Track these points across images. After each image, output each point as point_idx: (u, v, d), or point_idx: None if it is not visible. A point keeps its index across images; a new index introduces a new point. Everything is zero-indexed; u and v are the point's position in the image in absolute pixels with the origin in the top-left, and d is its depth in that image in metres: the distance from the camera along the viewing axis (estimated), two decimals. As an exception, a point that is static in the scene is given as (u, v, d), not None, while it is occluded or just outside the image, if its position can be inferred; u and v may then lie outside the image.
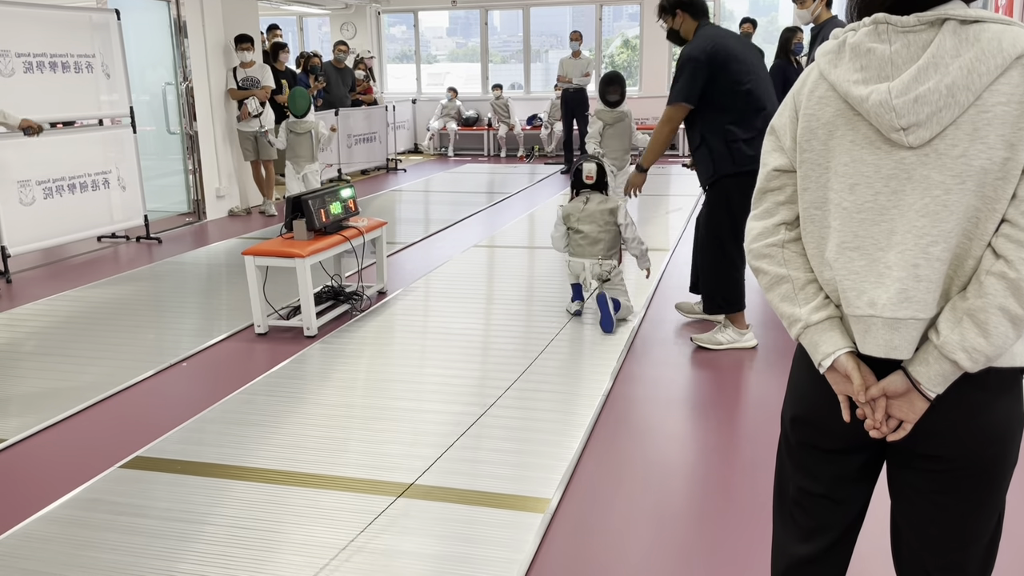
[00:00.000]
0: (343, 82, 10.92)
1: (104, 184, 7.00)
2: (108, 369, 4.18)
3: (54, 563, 2.53)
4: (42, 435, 3.47)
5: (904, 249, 1.32)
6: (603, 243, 4.61)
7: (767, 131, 1.54)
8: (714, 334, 4.36)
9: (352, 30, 13.97)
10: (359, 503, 2.84)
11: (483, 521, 2.71)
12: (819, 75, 1.42)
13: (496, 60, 14.68)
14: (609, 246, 4.62)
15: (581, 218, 4.66)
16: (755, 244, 1.53)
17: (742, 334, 4.32)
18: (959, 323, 1.31)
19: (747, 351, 4.30)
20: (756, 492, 2.89)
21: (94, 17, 6.89)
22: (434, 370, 4.08)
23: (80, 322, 4.98)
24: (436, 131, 13.70)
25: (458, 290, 5.54)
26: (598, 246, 4.62)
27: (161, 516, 2.78)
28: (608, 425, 3.45)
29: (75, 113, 6.89)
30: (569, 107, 11.00)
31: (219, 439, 3.36)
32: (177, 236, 7.60)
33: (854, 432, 1.46)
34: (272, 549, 2.58)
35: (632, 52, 14.30)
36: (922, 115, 1.28)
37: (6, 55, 6.06)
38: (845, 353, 1.40)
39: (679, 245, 6.70)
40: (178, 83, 8.11)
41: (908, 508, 1.50)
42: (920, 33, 1.30)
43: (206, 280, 6.03)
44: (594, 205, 4.65)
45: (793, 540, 1.63)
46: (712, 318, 4.62)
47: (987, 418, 1.38)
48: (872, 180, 1.35)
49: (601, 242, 4.61)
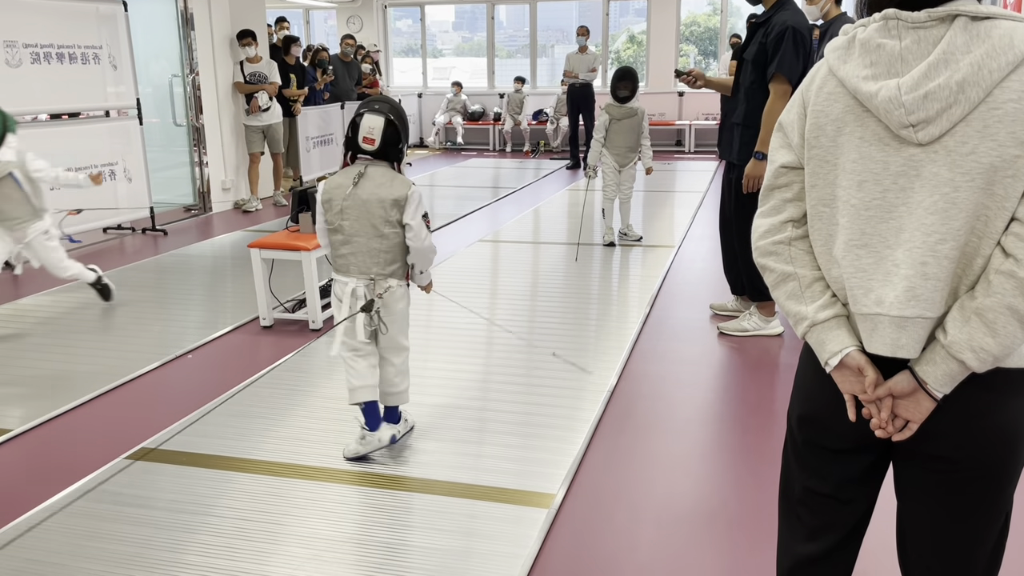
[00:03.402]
0: (349, 76, 10.92)
1: (110, 175, 7.01)
2: (113, 360, 4.18)
3: (59, 553, 2.54)
4: (47, 426, 3.48)
5: (912, 247, 1.31)
6: (380, 252, 2.96)
7: (775, 127, 1.53)
8: (740, 321, 4.37)
9: (358, 23, 13.96)
10: (363, 496, 2.84)
11: (487, 516, 2.71)
12: (828, 71, 1.41)
13: (502, 55, 14.66)
14: (389, 258, 2.97)
15: (346, 207, 2.93)
16: (762, 241, 1.52)
17: (768, 321, 4.33)
18: (967, 322, 1.30)
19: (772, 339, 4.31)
20: (762, 490, 2.89)
21: (101, 8, 6.89)
22: (439, 364, 4.08)
23: (85, 313, 4.99)
24: (442, 125, 13.68)
25: (463, 284, 5.53)
26: (370, 256, 2.95)
27: (166, 507, 2.79)
28: (613, 421, 3.45)
29: (82, 104, 6.89)
30: (575, 102, 10.97)
31: (224, 431, 3.36)
32: (182, 228, 7.61)
33: (860, 432, 1.45)
34: (276, 541, 2.58)
35: (638, 48, 14.27)
36: (932, 111, 1.28)
37: (13, 46, 6.07)
38: (856, 349, 1.40)
39: (684, 242, 6.69)
40: (184, 75, 8.11)
41: (914, 509, 1.50)
42: (931, 29, 1.30)
43: (211, 272, 6.04)
44: (371, 187, 2.91)
45: (799, 539, 1.62)
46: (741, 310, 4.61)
47: (994, 419, 1.37)
48: (881, 177, 1.34)
49: (376, 251, 2.95)
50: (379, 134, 2.88)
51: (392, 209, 2.90)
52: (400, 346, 3.11)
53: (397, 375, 3.11)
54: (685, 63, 13.81)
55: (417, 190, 2.98)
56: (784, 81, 3.88)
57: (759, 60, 3.99)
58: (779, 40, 3.87)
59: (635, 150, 6.44)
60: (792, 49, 3.85)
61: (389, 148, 2.92)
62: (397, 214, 2.91)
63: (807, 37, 3.90)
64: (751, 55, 4.05)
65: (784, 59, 3.85)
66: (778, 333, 4.36)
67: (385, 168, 2.95)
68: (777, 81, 3.90)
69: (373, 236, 2.92)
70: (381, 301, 2.97)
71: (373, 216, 2.90)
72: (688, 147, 12.82)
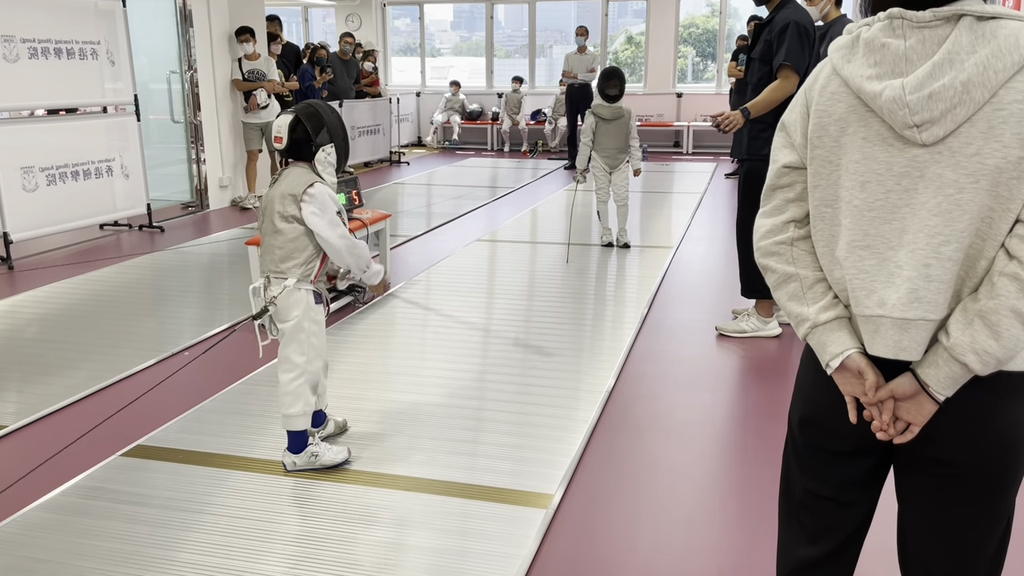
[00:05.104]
0: (348, 74, 10.91)
1: (107, 172, 6.99)
2: (109, 357, 4.17)
3: (54, 551, 2.52)
4: (43, 422, 3.47)
5: (915, 248, 1.31)
6: (274, 247, 2.86)
7: (777, 127, 1.53)
8: (738, 322, 4.37)
9: (357, 21, 13.93)
10: (359, 495, 2.83)
11: (485, 516, 2.70)
12: (832, 70, 1.41)
13: (500, 55, 14.65)
14: (283, 254, 2.84)
15: (262, 208, 2.91)
16: (764, 242, 1.51)
17: (766, 322, 4.33)
18: (970, 325, 1.29)
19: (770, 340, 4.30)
20: (761, 492, 2.88)
21: (100, 4, 6.87)
22: (435, 363, 4.07)
23: (81, 310, 4.97)
24: (440, 124, 13.67)
25: (460, 284, 5.52)
26: (268, 252, 2.88)
27: (162, 505, 2.77)
28: (611, 422, 3.44)
29: (79, 100, 6.87)
30: (574, 102, 10.96)
31: (220, 429, 3.35)
32: (180, 225, 7.59)
33: (861, 434, 1.44)
34: (271, 539, 2.57)
35: (636, 49, 14.26)
36: (936, 112, 1.27)
37: (11, 40, 6.04)
38: (857, 351, 1.39)
39: (682, 243, 6.68)
40: (183, 72, 8.09)
41: (915, 512, 1.49)
42: (936, 29, 1.29)
43: (208, 269, 6.03)
44: (281, 186, 2.85)
45: (799, 542, 1.61)
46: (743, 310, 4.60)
47: (996, 422, 1.36)
48: (884, 178, 1.34)
49: (271, 246, 2.86)
50: (286, 132, 2.81)
51: (286, 202, 2.80)
52: (289, 362, 2.88)
53: (284, 395, 2.89)
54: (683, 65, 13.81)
55: (322, 190, 2.82)
56: (791, 70, 3.92)
57: (765, 57, 4.04)
58: (783, 33, 3.93)
59: (624, 152, 6.38)
60: (797, 41, 3.89)
61: (301, 147, 2.84)
62: (293, 208, 2.79)
63: (811, 31, 3.93)
64: (758, 53, 4.10)
65: (790, 51, 3.89)
66: (776, 335, 4.36)
67: (303, 169, 2.86)
68: (784, 69, 3.94)
69: (270, 232, 2.85)
70: (274, 307, 2.84)
71: (272, 212, 2.84)
72: (686, 148, 12.82)
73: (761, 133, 4.02)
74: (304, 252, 2.84)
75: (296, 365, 2.87)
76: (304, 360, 2.88)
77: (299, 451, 2.95)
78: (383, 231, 5.33)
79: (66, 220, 6.59)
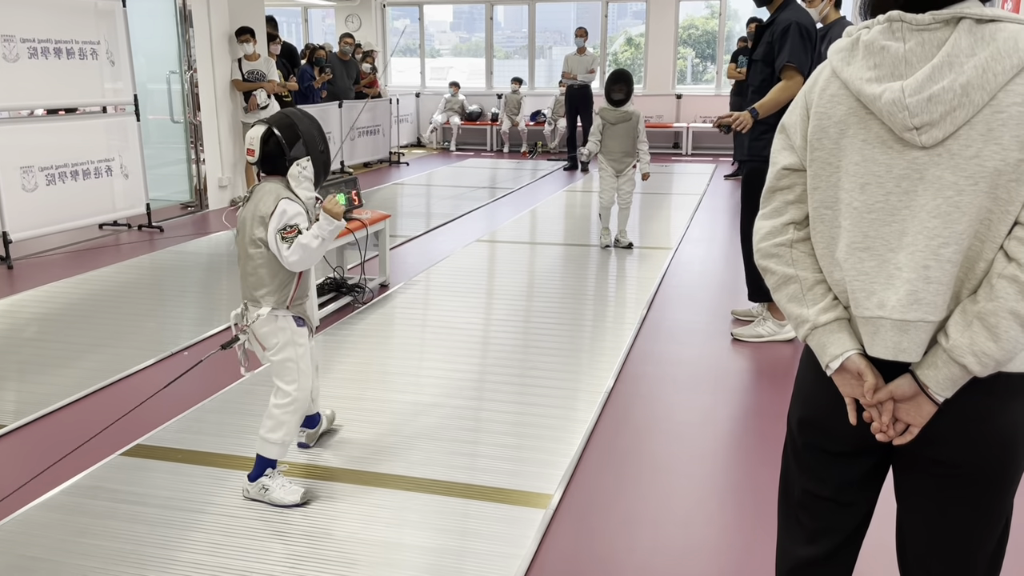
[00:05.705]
0: (347, 74, 10.91)
1: (107, 171, 6.99)
2: (109, 357, 4.17)
3: (54, 550, 2.52)
4: (42, 422, 3.47)
5: (915, 250, 1.31)
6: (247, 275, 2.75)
7: (777, 129, 1.53)
8: (754, 327, 4.38)
9: (356, 22, 13.94)
10: (358, 494, 2.83)
11: (484, 516, 2.71)
12: (831, 73, 1.41)
13: (500, 56, 14.65)
14: (255, 281, 2.73)
15: (238, 230, 2.79)
16: (763, 243, 1.52)
17: (782, 326, 4.35)
18: (969, 326, 1.30)
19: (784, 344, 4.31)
20: (760, 493, 2.88)
21: (99, 4, 6.87)
22: (435, 363, 4.08)
23: (81, 309, 4.97)
24: (439, 125, 13.67)
25: (460, 284, 5.53)
26: (243, 279, 2.78)
27: (161, 504, 2.77)
28: (610, 422, 3.45)
29: (79, 100, 6.86)
30: (573, 104, 10.97)
31: (219, 428, 3.35)
32: (179, 225, 7.59)
33: (861, 435, 1.45)
34: (270, 538, 2.57)
35: (636, 50, 14.27)
36: (935, 114, 1.27)
37: (11, 40, 6.04)
38: (856, 353, 1.40)
39: (681, 244, 6.69)
40: (182, 72, 8.09)
41: (914, 512, 1.49)
42: (935, 31, 1.29)
43: (207, 269, 6.03)
44: (251, 205, 2.72)
45: (798, 543, 1.62)
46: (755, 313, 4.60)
47: (995, 423, 1.37)
48: (883, 180, 1.34)
49: (244, 274, 2.76)
50: (257, 144, 2.65)
51: (256, 226, 2.65)
52: (281, 391, 2.77)
53: (268, 418, 2.77)
54: (683, 66, 13.82)
55: (288, 205, 2.63)
56: (795, 71, 3.93)
57: (768, 59, 4.05)
58: (785, 34, 3.94)
59: (631, 155, 6.32)
60: (799, 42, 3.91)
61: (275, 160, 2.67)
62: (261, 231, 2.64)
63: (813, 32, 3.95)
64: (760, 55, 4.12)
65: (793, 51, 3.91)
66: (791, 338, 4.37)
67: (273, 184, 2.69)
68: (788, 70, 3.95)
69: (243, 256, 2.73)
70: (246, 336, 2.76)
71: (244, 236, 2.71)
72: (685, 150, 12.83)
73: (762, 135, 4.03)
74: (275, 278, 2.71)
75: (288, 394, 2.77)
76: (295, 387, 2.77)
77: (253, 478, 2.80)
78: (383, 231, 5.33)
79: (65, 220, 6.59)
